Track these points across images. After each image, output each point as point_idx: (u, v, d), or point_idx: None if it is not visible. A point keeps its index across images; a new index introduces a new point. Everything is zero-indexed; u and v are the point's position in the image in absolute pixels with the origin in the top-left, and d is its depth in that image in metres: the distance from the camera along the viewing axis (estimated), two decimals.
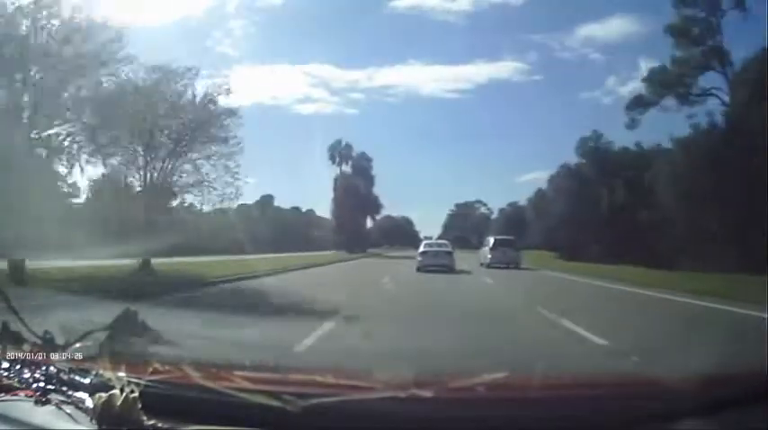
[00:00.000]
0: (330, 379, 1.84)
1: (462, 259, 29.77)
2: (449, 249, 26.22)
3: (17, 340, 1.74)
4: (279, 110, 70.24)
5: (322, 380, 1.82)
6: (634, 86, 72.59)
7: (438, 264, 23.56)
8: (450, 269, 23.50)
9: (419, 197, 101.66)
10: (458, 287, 17.34)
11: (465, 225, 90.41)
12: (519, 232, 50.40)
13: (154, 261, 17.56)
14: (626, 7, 68.59)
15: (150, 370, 1.54)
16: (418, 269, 23.69)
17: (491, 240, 30.33)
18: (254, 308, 10.01)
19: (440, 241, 31.13)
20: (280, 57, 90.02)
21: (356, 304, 11.15)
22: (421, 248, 26.52)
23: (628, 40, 67.97)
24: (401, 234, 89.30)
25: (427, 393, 1.48)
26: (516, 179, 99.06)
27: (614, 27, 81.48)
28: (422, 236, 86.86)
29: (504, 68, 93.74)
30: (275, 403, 1.31)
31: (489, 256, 28.52)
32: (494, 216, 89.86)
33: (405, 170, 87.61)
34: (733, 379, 1.68)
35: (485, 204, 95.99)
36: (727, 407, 1.39)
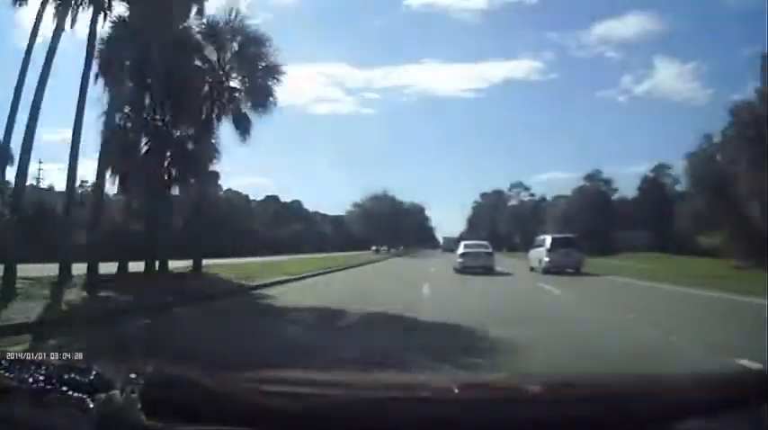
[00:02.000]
0: (330, 379, 1.84)
1: (514, 268, 24.70)
2: (489, 250, 26.17)
3: (17, 340, 1.74)
4: (294, 110, 70.14)
5: (322, 379, 1.82)
6: (649, 85, 72.56)
7: (478, 266, 23.51)
8: (489, 270, 23.34)
9: (434, 197, 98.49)
10: None
11: (496, 218, 71.33)
12: (603, 226, 41.82)
13: None
14: (641, 5, 68.83)
15: (150, 370, 1.54)
16: (458, 271, 23.47)
17: (548, 239, 24.88)
18: None
19: (479, 242, 28.96)
20: (294, 56, 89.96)
21: None
22: (461, 250, 26.08)
23: (644, 38, 68.14)
24: (410, 227, 70.27)
25: (427, 393, 1.48)
26: (531, 179, 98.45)
27: (630, 25, 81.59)
28: (439, 235, 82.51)
29: (520, 67, 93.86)
30: (275, 403, 1.31)
31: (547, 259, 23.60)
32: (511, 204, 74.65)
33: (418, 170, 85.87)
34: (733, 379, 1.69)
35: (526, 188, 73.58)
36: (727, 407, 1.39)
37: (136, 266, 17.39)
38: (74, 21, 14.38)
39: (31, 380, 1.50)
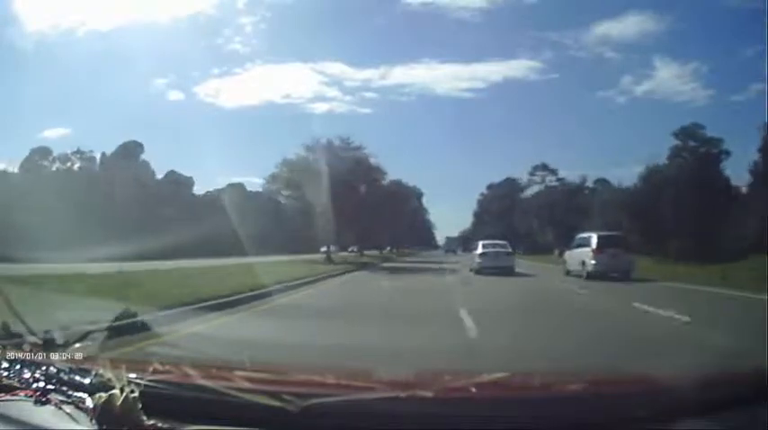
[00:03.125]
0: (330, 379, 1.84)
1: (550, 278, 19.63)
2: (508, 250, 24.82)
3: (17, 340, 1.74)
4: (291, 109, 69.71)
5: (322, 380, 1.82)
6: (649, 86, 72.23)
7: (498, 266, 22.37)
8: (510, 270, 22.11)
9: (432, 196, 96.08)
10: None
11: (511, 212, 57.05)
12: (716, 217, 26.73)
13: None
14: (641, 5, 68.66)
15: (150, 370, 1.54)
16: (477, 272, 22.34)
17: (593, 238, 20.87)
18: None
19: (497, 241, 26.23)
20: (291, 54, 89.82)
21: None
22: (480, 249, 24.32)
23: (643, 39, 67.94)
24: (398, 215, 41.80)
25: (427, 393, 1.48)
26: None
27: (630, 25, 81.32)
28: (437, 234, 79.83)
29: (519, 67, 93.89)
30: (275, 403, 1.31)
31: (593, 262, 19.64)
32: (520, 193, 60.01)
33: (416, 169, 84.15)
34: (733, 379, 1.69)
35: (553, 172, 58.04)
36: (727, 407, 1.39)
37: None
38: None
39: (31, 380, 1.51)
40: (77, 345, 1.76)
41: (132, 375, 1.38)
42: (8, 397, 1.46)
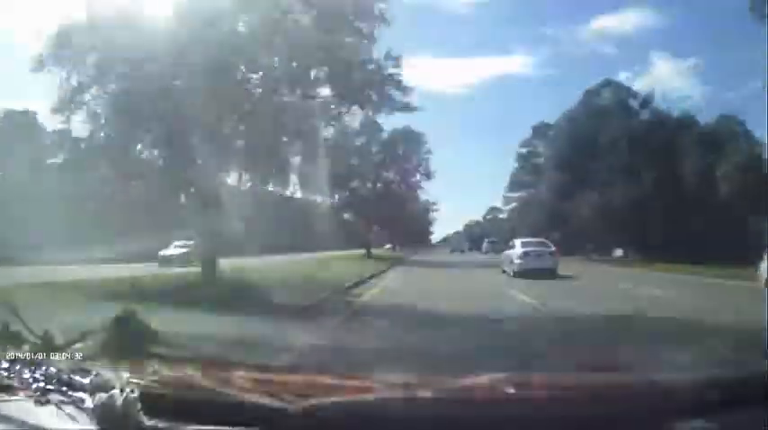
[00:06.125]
0: (330, 379, 1.84)
1: None
2: (551, 249, 22.83)
3: (17, 340, 1.74)
4: None
5: (322, 380, 1.82)
6: (647, 82, 71.57)
7: (540, 268, 20.73)
8: (552, 273, 20.43)
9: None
10: None
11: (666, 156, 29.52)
12: None
13: None
14: (639, 0, 67.92)
15: (150, 370, 1.55)
16: (516, 274, 20.85)
17: None
18: None
19: (538, 239, 24.23)
20: None
21: None
22: (520, 249, 22.34)
23: (641, 34, 67.55)
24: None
25: (427, 393, 1.48)
26: None
27: (627, 20, 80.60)
28: (434, 235, 77.75)
29: (514, 62, 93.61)
30: (275, 403, 1.31)
31: None
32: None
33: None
34: (733, 379, 1.69)
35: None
36: (727, 407, 1.39)
37: None
38: None
39: (31, 380, 1.51)
40: (77, 345, 1.76)
41: (132, 375, 1.38)
42: (8, 397, 1.46)
